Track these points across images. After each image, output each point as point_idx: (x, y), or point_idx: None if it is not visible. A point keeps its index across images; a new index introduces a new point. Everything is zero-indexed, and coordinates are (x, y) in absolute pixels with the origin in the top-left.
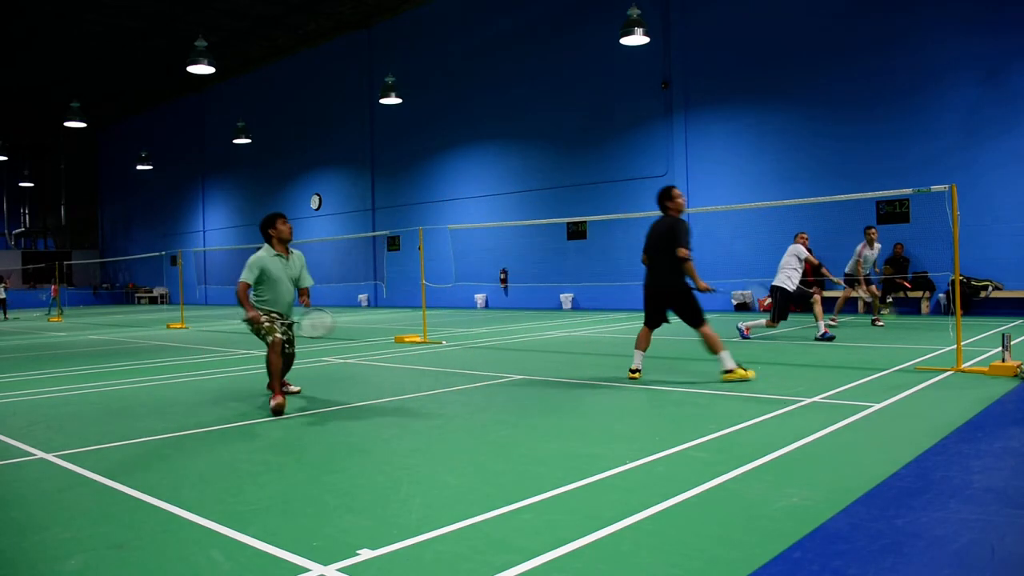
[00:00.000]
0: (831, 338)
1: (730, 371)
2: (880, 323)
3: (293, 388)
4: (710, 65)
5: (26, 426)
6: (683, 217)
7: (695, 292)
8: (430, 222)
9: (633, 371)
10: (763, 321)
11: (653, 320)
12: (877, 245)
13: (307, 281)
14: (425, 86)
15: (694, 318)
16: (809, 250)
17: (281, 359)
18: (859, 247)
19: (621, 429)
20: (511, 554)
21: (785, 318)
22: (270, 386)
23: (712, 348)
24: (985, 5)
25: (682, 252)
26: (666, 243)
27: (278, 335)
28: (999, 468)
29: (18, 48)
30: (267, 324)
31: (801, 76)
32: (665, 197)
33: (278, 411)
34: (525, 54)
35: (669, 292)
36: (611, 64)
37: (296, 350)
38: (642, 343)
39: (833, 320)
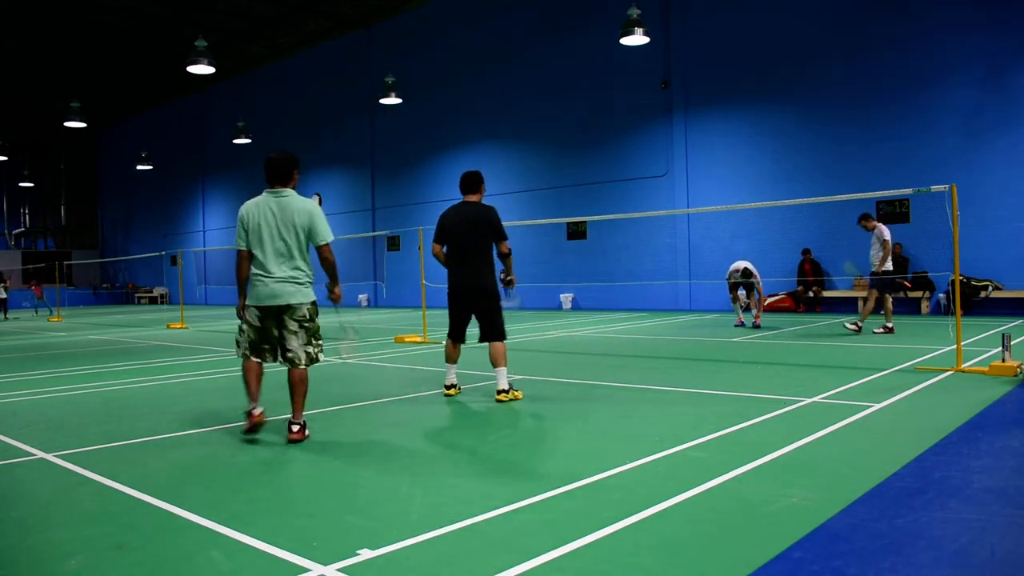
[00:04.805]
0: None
1: (505, 391)
2: (877, 330)
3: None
4: (710, 65)
5: (26, 426)
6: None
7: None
8: (430, 222)
9: (448, 387)
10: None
11: (463, 329)
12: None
13: None
14: (425, 86)
15: (500, 328)
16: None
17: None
18: (887, 233)
19: (621, 429)
20: (511, 554)
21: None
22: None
23: (500, 361)
24: (985, 5)
25: (507, 247)
26: (482, 234)
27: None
28: (999, 468)
29: (18, 48)
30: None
31: (801, 76)
32: (479, 180)
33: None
34: (525, 54)
35: (482, 294)
36: (611, 64)
37: None
38: (453, 355)
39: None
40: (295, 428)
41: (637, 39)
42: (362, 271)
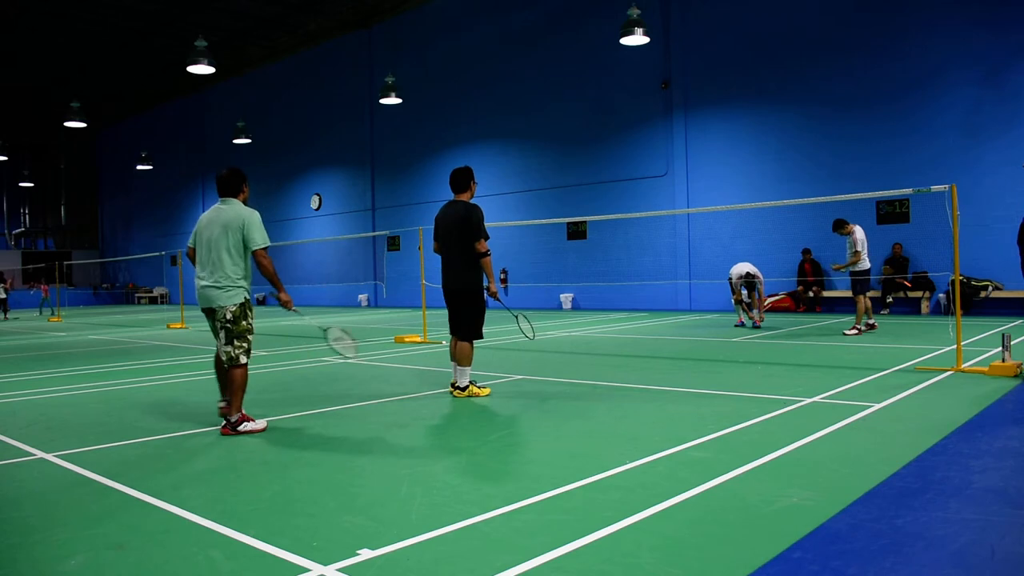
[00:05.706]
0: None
1: (465, 388)
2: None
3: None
4: (710, 65)
5: (26, 426)
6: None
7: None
8: (430, 222)
9: (454, 384)
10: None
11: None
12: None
13: None
14: (425, 86)
15: (473, 328)
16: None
17: None
18: (859, 237)
19: (621, 429)
20: (511, 554)
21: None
22: (234, 405)
23: (461, 361)
24: (985, 5)
25: (482, 246)
26: (460, 233)
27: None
28: (999, 468)
29: (18, 48)
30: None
31: (801, 76)
32: (469, 177)
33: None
34: (525, 54)
35: (460, 292)
36: (611, 64)
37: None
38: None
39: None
40: (224, 423)
41: (637, 39)
42: (362, 271)
